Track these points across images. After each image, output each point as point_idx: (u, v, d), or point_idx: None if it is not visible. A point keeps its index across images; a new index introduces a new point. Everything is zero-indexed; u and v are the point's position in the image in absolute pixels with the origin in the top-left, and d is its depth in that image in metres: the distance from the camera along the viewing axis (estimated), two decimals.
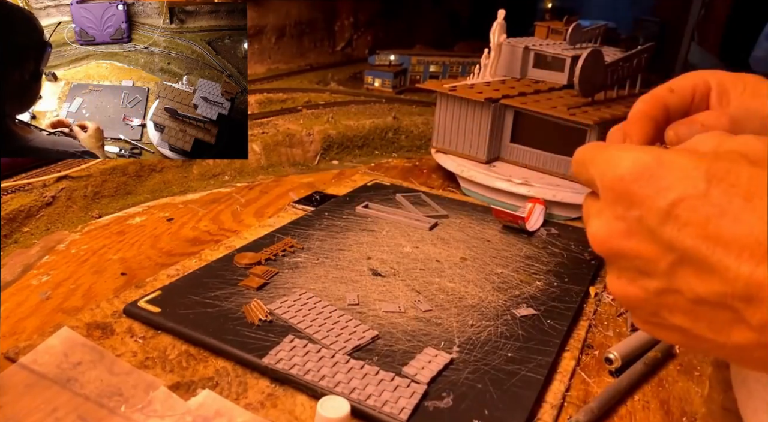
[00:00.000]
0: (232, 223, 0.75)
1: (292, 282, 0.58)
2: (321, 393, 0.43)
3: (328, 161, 1.04)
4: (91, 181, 0.79)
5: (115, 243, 0.68)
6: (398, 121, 1.12)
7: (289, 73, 1.43)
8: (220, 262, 0.61)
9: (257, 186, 0.88)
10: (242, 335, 0.49)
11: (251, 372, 0.47)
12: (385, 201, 0.79)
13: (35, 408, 0.41)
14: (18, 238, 0.68)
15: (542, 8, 2.68)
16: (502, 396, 0.44)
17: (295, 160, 1.01)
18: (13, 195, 0.72)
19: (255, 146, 0.97)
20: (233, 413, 0.42)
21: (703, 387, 0.49)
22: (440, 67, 1.45)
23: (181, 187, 0.87)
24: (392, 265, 0.63)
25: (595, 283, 0.63)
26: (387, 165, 1.02)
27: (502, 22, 0.97)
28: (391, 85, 1.38)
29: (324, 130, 1.05)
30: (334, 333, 0.50)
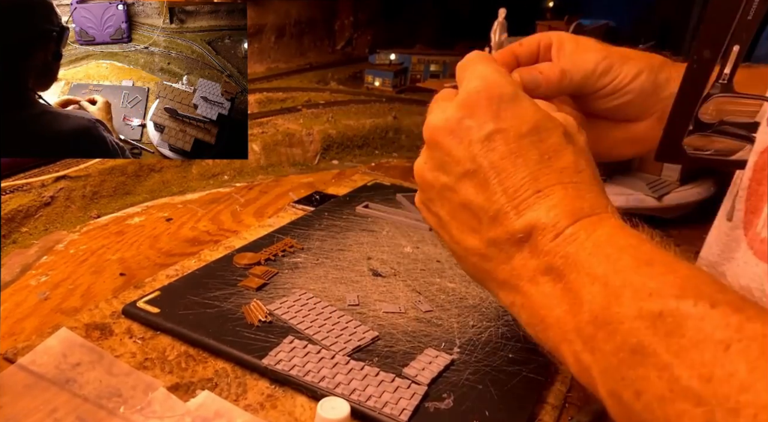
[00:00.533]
0: (232, 223, 0.75)
1: (292, 283, 0.58)
2: (321, 394, 0.43)
3: (328, 161, 1.03)
4: (90, 180, 0.78)
5: (113, 243, 0.68)
6: (398, 120, 1.12)
7: (289, 72, 1.43)
8: (220, 263, 0.61)
9: (257, 186, 0.88)
10: (242, 336, 0.49)
11: (251, 373, 0.46)
12: (385, 201, 0.79)
13: (34, 409, 0.41)
14: (16, 238, 0.68)
15: (543, 7, 2.67)
16: (503, 397, 0.44)
17: (295, 160, 1.01)
18: (12, 195, 0.72)
19: (255, 146, 0.97)
20: (233, 414, 0.42)
21: None
22: (441, 66, 1.45)
23: (181, 187, 0.87)
24: (392, 266, 0.63)
25: None
26: (387, 165, 1.02)
27: (503, 21, 0.97)
28: (392, 84, 1.38)
29: (324, 130, 1.05)
30: (334, 333, 0.50)
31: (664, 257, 0.30)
